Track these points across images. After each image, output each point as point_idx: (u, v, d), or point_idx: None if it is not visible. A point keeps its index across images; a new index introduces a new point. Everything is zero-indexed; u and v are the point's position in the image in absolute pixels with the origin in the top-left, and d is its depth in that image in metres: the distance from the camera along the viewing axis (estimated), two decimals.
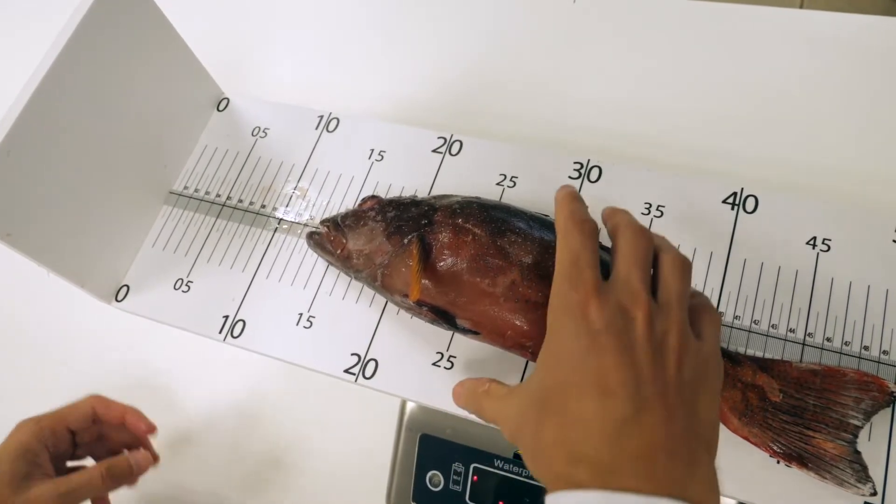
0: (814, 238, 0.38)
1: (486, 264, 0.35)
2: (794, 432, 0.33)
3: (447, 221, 0.37)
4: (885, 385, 0.33)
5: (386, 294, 0.39)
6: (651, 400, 0.26)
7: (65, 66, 0.38)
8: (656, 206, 0.41)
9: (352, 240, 0.39)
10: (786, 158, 0.51)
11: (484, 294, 0.35)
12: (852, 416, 0.33)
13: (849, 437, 0.33)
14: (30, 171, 0.37)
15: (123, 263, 0.45)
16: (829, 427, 0.33)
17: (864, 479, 0.32)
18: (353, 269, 0.39)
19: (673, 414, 0.26)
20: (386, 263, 0.37)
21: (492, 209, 0.37)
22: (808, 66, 0.54)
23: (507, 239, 0.36)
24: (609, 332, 0.27)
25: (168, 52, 0.45)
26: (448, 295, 0.36)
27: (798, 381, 0.34)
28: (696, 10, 0.59)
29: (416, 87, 0.61)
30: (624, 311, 0.28)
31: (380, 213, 0.39)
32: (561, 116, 0.57)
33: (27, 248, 0.38)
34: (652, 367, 0.27)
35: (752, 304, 0.37)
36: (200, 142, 0.49)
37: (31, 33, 0.74)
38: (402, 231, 0.38)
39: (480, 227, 0.36)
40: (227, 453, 0.52)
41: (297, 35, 0.66)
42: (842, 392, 0.33)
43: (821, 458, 0.33)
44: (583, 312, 0.28)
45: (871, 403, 0.33)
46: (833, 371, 0.34)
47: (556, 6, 0.62)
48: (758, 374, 0.34)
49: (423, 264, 0.36)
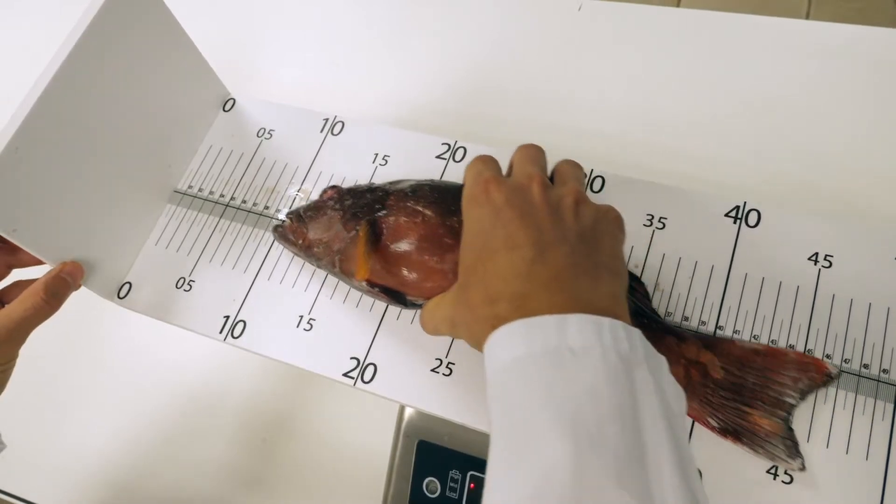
0: (816, 254, 0.38)
1: (436, 243, 0.37)
2: (732, 408, 0.35)
3: (399, 205, 0.39)
4: (824, 366, 0.35)
5: (345, 279, 0.41)
6: (553, 243, 0.30)
7: (75, 65, 0.38)
8: (658, 218, 0.41)
9: (312, 230, 0.41)
10: (790, 172, 0.51)
11: (434, 271, 0.37)
12: (789, 394, 0.34)
13: (783, 415, 0.34)
14: (37, 168, 0.38)
15: (126, 261, 0.45)
16: (766, 405, 0.34)
17: (794, 455, 0.33)
18: (315, 257, 0.41)
19: (575, 249, 0.30)
20: (342, 249, 0.39)
21: (443, 191, 0.39)
22: (814, 78, 0.54)
23: (456, 218, 0.37)
24: (510, 204, 0.31)
25: (176, 52, 0.46)
26: (399, 275, 0.38)
27: (740, 360, 0.36)
28: (702, 20, 0.59)
29: (421, 92, 0.61)
30: (521, 187, 0.32)
31: (338, 202, 0.41)
32: (565, 124, 0.57)
33: (32, 243, 0.39)
34: (551, 222, 0.31)
35: (753, 318, 0.37)
36: (206, 142, 0.49)
37: (44, 31, 0.74)
38: (356, 217, 0.39)
39: (430, 209, 0.38)
40: (223, 453, 0.52)
41: (304, 36, 0.66)
42: (781, 371, 0.35)
43: (755, 433, 0.34)
44: (486, 196, 0.32)
45: (808, 383, 0.35)
46: (774, 351, 0.36)
47: (561, 13, 0.62)
48: (702, 351, 0.36)
49: (372, 246, 0.38)
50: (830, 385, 0.35)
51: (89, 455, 0.54)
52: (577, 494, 0.23)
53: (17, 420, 0.46)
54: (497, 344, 0.28)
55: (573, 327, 0.27)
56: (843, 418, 0.34)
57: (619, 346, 0.27)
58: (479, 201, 0.32)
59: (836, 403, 0.35)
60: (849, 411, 0.34)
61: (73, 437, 0.55)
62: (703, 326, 0.37)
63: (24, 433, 0.54)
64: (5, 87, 0.69)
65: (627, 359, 0.27)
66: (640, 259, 0.40)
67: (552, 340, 0.27)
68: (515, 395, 0.27)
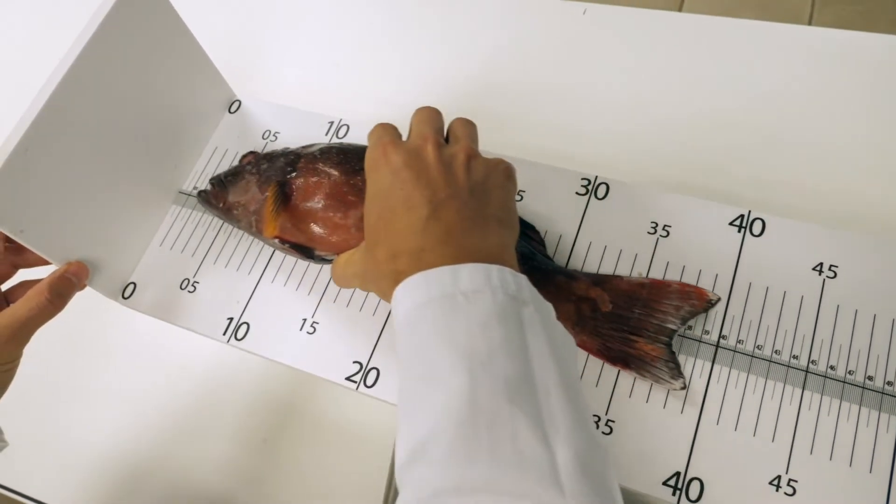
0: (820, 264, 0.38)
1: (340, 201, 0.40)
2: (620, 338, 0.37)
3: (308, 167, 0.42)
4: (704, 294, 0.37)
5: (263, 239, 0.43)
6: (446, 200, 0.33)
7: (83, 67, 0.38)
8: (663, 226, 0.41)
9: (232, 193, 0.44)
10: (794, 181, 0.51)
11: (339, 226, 0.40)
12: (671, 321, 0.37)
13: (666, 340, 0.37)
14: (46, 169, 0.38)
15: (131, 261, 0.46)
16: (651, 332, 0.37)
17: (677, 376, 0.36)
18: (235, 219, 0.44)
19: (465, 204, 0.33)
20: (258, 210, 0.42)
21: (349, 152, 0.42)
22: (818, 84, 0.54)
23: (359, 177, 0.40)
24: (407, 166, 0.34)
25: (183, 55, 0.46)
26: (307, 231, 0.41)
27: (627, 294, 0.38)
28: (705, 25, 0.59)
29: (424, 93, 0.61)
30: (417, 148, 0.35)
31: (255, 166, 0.44)
32: (568, 128, 0.57)
33: (39, 244, 0.39)
34: (444, 180, 0.33)
35: (756, 328, 0.37)
36: (211, 143, 0.49)
37: (52, 33, 0.74)
38: (270, 180, 0.42)
39: (336, 169, 0.41)
40: (224, 452, 0.52)
41: (308, 38, 0.67)
42: (664, 301, 0.37)
43: (642, 359, 0.36)
44: (385, 159, 0.34)
45: (689, 310, 0.37)
46: (659, 283, 0.38)
47: (565, 17, 0.62)
48: (591, 288, 0.38)
49: (280, 205, 0.41)
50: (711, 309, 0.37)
51: (92, 453, 0.54)
52: (474, 413, 0.26)
53: (21, 418, 0.46)
54: (400, 295, 0.31)
55: (465, 274, 0.30)
56: (847, 430, 0.34)
57: (507, 288, 0.30)
58: (379, 164, 0.35)
59: (839, 415, 0.34)
60: (852, 423, 0.34)
61: (76, 435, 0.55)
62: (706, 335, 0.37)
63: (28, 431, 0.54)
64: (10, 86, 0.69)
65: (515, 298, 0.30)
66: (644, 267, 0.40)
67: (447, 287, 0.30)
68: (417, 337, 0.30)
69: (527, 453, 0.26)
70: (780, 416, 0.35)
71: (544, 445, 0.26)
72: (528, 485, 0.25)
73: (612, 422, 0.36)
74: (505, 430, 0.26)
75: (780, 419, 0.35)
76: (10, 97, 0.52)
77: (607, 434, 0.36)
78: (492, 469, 0.25)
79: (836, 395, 0.35)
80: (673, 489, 0.34)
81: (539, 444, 0.26)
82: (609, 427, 0.36)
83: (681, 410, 0.36)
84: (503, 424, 0.26)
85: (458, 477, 0.25)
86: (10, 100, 0.49)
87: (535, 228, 0.41)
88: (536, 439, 0.26)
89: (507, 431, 0.26)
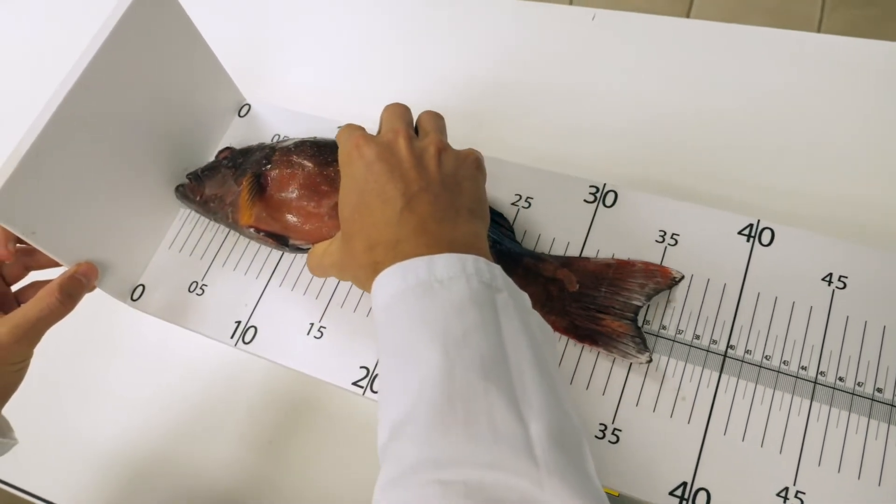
0: (829, 274, 0.38)
1: (314, 190, 0.42)
2: (587, 316, 0.38)
3: (282, 159, 0.43)
4: (668, 272, 0.38)
5: (238, 230, 0.45)
6: (419, 192, 0.34)
7: (96, 71, 0.38)
8: (671, 235, 0.40)
9: (208, 187, 0.45)
10: (804, 189, 0.50)
11: (312, 215, 0.42)
12: (636, 298, 0.38)
13: (631, 316, 0.38)
14: (57, 172, 0.38)
15: (140, 263, 0.46)
16: (616, 309, 0.38)
17: (643, 350, 0.37)
18: (211, 212, 0.45)
19: (437, 197, 0.34)
20: (234, 202, 0.43)
21: (322, 145, 0.44)
22: (828, 93, 0.54)
23: (333, 168, 0.42)
24: (380, 159, 0.34)
25: (195, 58, 0.46)
26: (282, 220, 0.42)
27: (594, 274, 0.39)
28: (716, 32, 0.59)
29: (433, 99, 0.61)
30: (389, 143, 0.35)
31: (231, 160, 0.45)
32: (576, 132, 0.57)
33: (50, 245, 0.39)
34: (416, 172, 0.34)
35: (764, 339, 0.37)
36: (220, 146, 0.49)
37: (65, 36, 0.75)
38: (245, 172, 0.44)
39: (310, 161, 0.43)
40: (230, 454, 0.53)
41: (317, 41, 0.67)
42: (629, 279, 0.39)
43: (609, 336, 0.38)
44: (358, 153, 0.35)
45: (653, 288, 0.38)
46: (624, 263, 0.39)
47: (574, 22, 0.62)
48: (558, 269, 0.39)
49: (255, 195, 0.43)
50: (675, 286, 0.39)
51: (99, 452, 0.54)
52: (449, 389, 0.27)
53: (29, 417, 0.46)
54: (378, 286, 0.32)
55: (440, 264, 0.31)
56: (856, 443, 0.34)
57: (481, 276, 0.31)
58: (353, 157, 0.35)
59: (847, 427, 0.34)
60: (861, 436, 0.34)
61: (84, 435, 0.55)
62: (714, 345, 0.37)
63: (36, 430, 0.54)
64: (23, 88, 0.70)
65: (489, 285, 0.31)
66: None
67: (423, 276, 0.31)
68: (395, 323, 0.31)
69: (501, 427, 0.27)
70: (788, 427, 0.35)
71: (518, 419, 0.27)
72: (503, 457, 0.26)
73: (619, 430, 0.36)
74: (480, 405, 0.27)
75: (788, 430, 0.35)
76: (23, 99, 0.53)
77: (614, 443, 0.36)
78: (468, 442, 0.26)
79: (845, 406, 0.35)
80: (679, 499, 0.34)
81: (513, 418, 0.27)
82: (616, 436, 0.36)
83: (688, 420, 0.36)
84: (478, 400, 0.27)
85: (436, 451, 0.27)
86: (23, 101, 0.49)
87: (503, 216, 0.42)
88: (510, 413, 0.27)
89: (482, 406, 0.27)
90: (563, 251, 0.41)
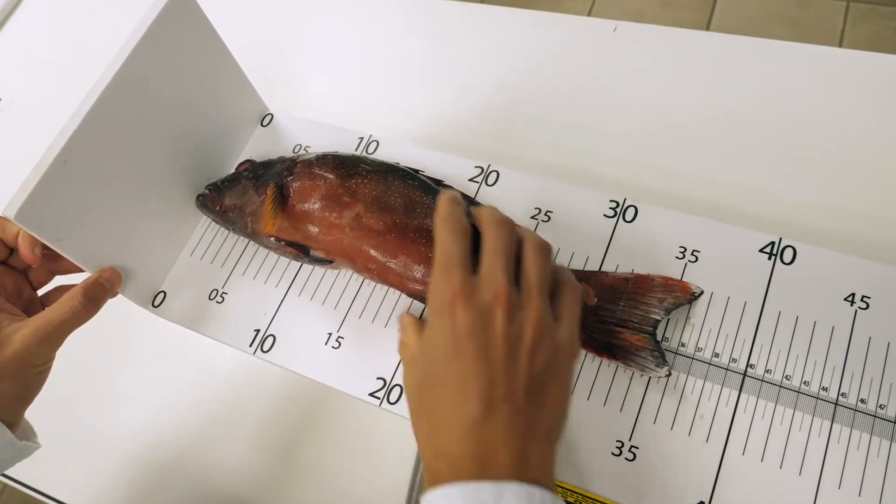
0: (852, 294, 0.38)
1: (335, 201, 0.42)
2: (605, 330, 0.38)
3: (304, 171, 0.44)
4: (688, 287, 0.38)
5: (257, 239, 0.45)
6: (500, 402, 0.30)
7: (124, 81, 0.39)
8: (691, 251, 0.40)
9: (228, 197, 0.46)
10: (827, 207, 0.50)
11: (333, 226, 0.42)
12: (655, 312, 0.38)
13: (650, 330, 0.38)
14: (83, 180, 0.39)
15: (162, 270, 0.46)
16: (635, 322, 0.38)
17: (661, 364, 0.37)
18: (230, 221, 0.45)
19: (518, 412, 0.31)
20: (254, 211, 0.44)
21: (344, 158, 0.44)
22: (851, 108, 0.53)
23: (354, 180, 0.43)
24: (470, 335, 0.31)
25: (219, 68, 0.47)
26: (303, 230, 0.43)
27: (612, 287, 0.39)
28: (737, 45, 0.59)
29: (453, 109, 0.61)
30: (486, 310, 0.32)
31: (252, 172, 0.46)
32: (596, 145, 0.57)
33: (75, 253, 0.40)
34: (505, 366, 0.31)
35: (785, 358, 0.37)
36: (243, 155, 0.50)
37: (92, 44, 0.76)
38: (266, 183, 0.44)
39: (332, 172, 0.43)
40: (245, 461, 0.53)
41: (339, 52, 0.67)
42: (648, 294, 0.39)
43: (627, 349, 0.37)
44: (451, 312, 0.32)
45: (672, 302, 0.38)
46: (643, 278, 0.39)
47: (595, 35, 0.62)
48: None
49: (278, 205, 0.43)
50: (695, 301, 0.39)
51: (115, 456, 0.55)
52: None
53: (47, 419, 0.47)
54: (436, 500, 0.30)
55: (508, 496, 0.28)
56: (877, 466, 0.34)
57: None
58: (444, 317, 0.32)
59: (869, 450, 0.34)
60: (882, 459, 0.34)
61: (101, 439, 0.56)
62: (733, 364, 0.37)
63: (54, 433, 0.55)
64: (51, 95, 0.71)
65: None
66: None
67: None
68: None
69: None
70: (807, 448, 0.35)
71: None
72: None
73: (636, 448, 0.36)
74: None
75: (808, 452, 0.34)
76: (52, 106, 0.54)
77: (631, 460, 0.36)
78: None
79: (867, 429, 0.34)
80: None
81: None
82: (633, 453, 0.36)
83: (706, 439, 0.36)
84: None
85: None
86: (51, 109, 0.50)
87: None
88: None
89: None
90: (583, 265, 0.41)
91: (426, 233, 0.41)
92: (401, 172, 0.44)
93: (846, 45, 1.18)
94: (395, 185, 0.43)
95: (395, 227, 0.41)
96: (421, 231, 0.41)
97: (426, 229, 0.41)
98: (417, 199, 0.42)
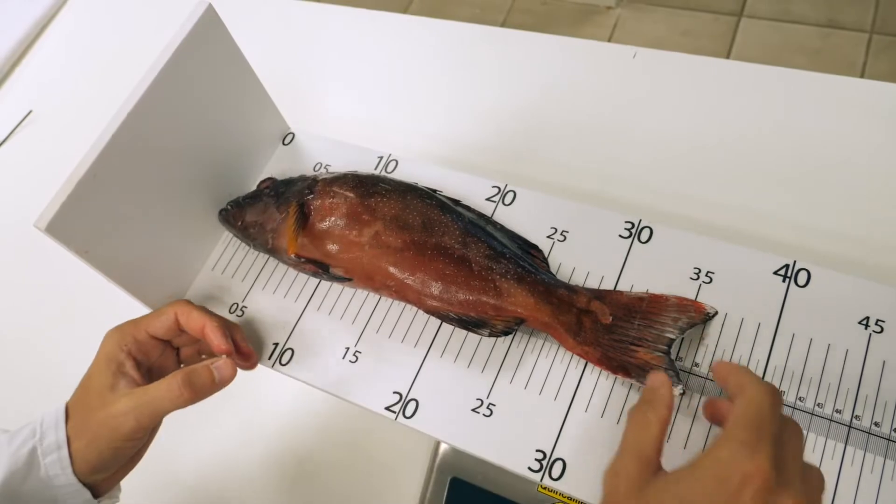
0: (867, 318, 0.38)
1: (355, 220, 0.43)
2: (620, 348, 0.39)
3: (325, 189, 0.45)
4: (702, 307, 0.39)
5: (277, 256, 0.46)
6: None
7: (152, 99, 0.40)
8: (706, 273, 0.41)
9: (249, 214, 0.46)
10: (842, 233, 0.50)
11: (352, 244, 0.43)
12: (669, 331, 0.38)
13: (664, 349, 0.38)
14: (111, 194, 0.40)
15: (184, 284, 0.47)
16: (649, 341, 0.38)
17: (675, 383, 0.36)
18: (251, 238, 0.46)
19: None
20: (275, 228, 0.45)
21: (365, 178, 0.45)
22: (869, 137, 0.54)
23: (374, 199, 0.44)
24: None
25: (244, 88, 0.48)
26: (324, 248, 0.44)
27: (627, 307, 0.40)
28: (756, 74, 0.59)
29: (473, 130, 0.62)
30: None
31: (273, 190, 0.47)
32: (614, 169, 0.57)
33: (102, 265, 0.41)
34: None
35: (798, 380, 0.37)
36: (265, 173, 0.51)
37: (124, 61, 0.78)
38: (287, 201, 0.45)
39: (352, 191, 0.44)
40: (259, 471, 0.53)
41: (360, 72, 0.69)
42: (662, 313, 0.39)
43: (641, 367, 0.38)
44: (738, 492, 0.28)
45: (687, 322, 0.38)
46: (657, 297, 0.40)
47: (615, 60, 0.63)
48: (592, 301, 0.40)
49: (300, 224, 0.44)
50: (709, 321, 0.39)
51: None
52: None
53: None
54: None
55: None
56: (891, 490, 0.33)
57: None
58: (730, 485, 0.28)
59: (883, 473, 0.34)
60: None
61: None
62: None
63: None
64: (82, 108, 0.73)
65: None
66: None
67: None
68: None
69: None
70: (821, 470, 0.34)
71: None
72: None
73: None
74: None
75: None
76: (79, 120, 0.55)
77: None
78: None
79: (881, 452, 0.34)
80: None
81: None
82: None
83: None
84: None
85: None
86: (78, 123, 0.52)
87: (538, 248, 0.43)
88: None
89: None
90: (598, 285, 0.42)
91: (444, 250, 0.42)
92: (419, 191, 0.45)
93: (868, 77, 1.17)
94: (414, 204, 0.43)
95: (413, 245, 0.42)
96: (439, 248, 0.42)
97: (444, 247, 0.42)
98: (435, 218, 0.43)
